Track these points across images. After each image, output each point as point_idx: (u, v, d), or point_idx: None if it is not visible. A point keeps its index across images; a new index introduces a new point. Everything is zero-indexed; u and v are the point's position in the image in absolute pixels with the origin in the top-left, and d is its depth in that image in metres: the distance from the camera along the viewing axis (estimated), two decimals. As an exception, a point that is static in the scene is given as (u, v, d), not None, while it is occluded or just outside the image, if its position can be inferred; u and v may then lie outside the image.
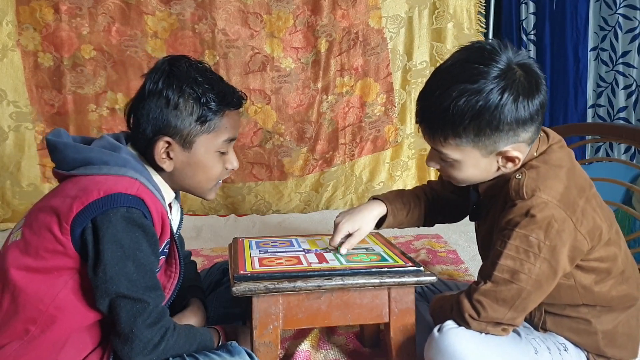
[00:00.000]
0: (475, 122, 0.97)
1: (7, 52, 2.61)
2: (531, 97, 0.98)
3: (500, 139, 0.99)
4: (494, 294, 1.00)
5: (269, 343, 1.10)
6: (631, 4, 2.73)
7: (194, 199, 2.87)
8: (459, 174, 1.07)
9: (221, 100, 1.04)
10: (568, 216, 0.98)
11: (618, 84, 2.84)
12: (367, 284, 1.11)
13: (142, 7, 2.67)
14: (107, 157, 0.97)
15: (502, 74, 0.96)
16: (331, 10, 2.82)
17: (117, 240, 0.91)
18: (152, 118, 1.01)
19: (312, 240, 1.36)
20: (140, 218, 0.94)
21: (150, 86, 1.02)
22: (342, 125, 2.95)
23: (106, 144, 1.02)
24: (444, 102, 0.97)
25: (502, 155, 1.02)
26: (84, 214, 0.90)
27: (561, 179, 1.01)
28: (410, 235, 2.39)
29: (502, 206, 1.05)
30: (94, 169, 0.96)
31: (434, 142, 1.05)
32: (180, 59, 1.05)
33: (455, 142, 1.01)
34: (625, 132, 1.82)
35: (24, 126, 2.67)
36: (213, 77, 1.05)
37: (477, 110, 0.96)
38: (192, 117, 1.02)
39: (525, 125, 0.99)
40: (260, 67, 2.83)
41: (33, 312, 0.93)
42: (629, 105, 2.84)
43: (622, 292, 1.08)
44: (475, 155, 1.02)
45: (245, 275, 1.09)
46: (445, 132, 1.00)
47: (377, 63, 2.93)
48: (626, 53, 2.79)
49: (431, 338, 1.04)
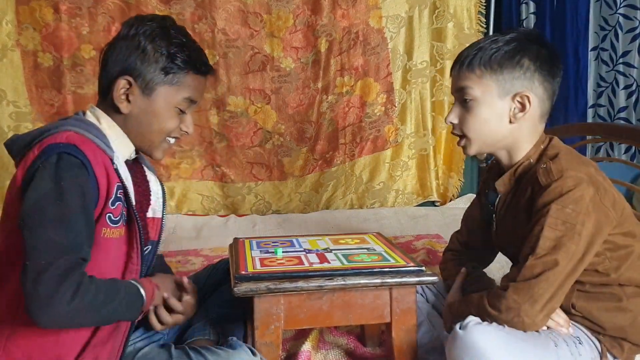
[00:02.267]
0: (503, 53, 1.12)
1: (7, 52, 2.60)
2: (553, 59, 1.15)
3: (519, 77, 1.12)
4: (540, 266, 1.04)
5: (270, 343, 1.10)
6: (631, 4, 2.72)
7: (194, 198, 2.87)
8: (475, 119, 1.15)
9: (189, 59, 1.06)
10: (595, 189, 1.06)
11: (618, 83, 2.83)
12: (369, 284, 1.11)
13: (142, 7, 2.66)
14: (48, 126, 1.00)
15: (534, 40, 1.15)
16: (331, 10, 2.81)
17: (40, 188, 0.90)
18: (120, 59, 1.04)
19: (313, 240, 1.36)
20: (72, 166, 0.92)
21: (125, 30, 1.05)
22: (342, 125, 2.95)
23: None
24: (480, 43, 1.16)
25: (516, 97, 1.13)
26: (27, 175, 0.93)
27: (579, 161, 1.11)
28: (410, 235, 2.39)
29: (529, 196, 1.12)
30: (36, 140, 0.97)
31: (460, 78, 1.16)
32: (163, 16, 1.09)
33: (479, 72, 1.13)
34: (626, 132, 1.82)
35: (24, 126, 2.66)
36: (189, 41, 1.08)
37: (506, 42, 1.13)
38: (157, 64, 1.04)
39: (543, 76, 1.13)
40: (260, 67, 2.83)
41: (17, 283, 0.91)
42: (630, 105, 2.83)
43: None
44: (492, 93, 1.13)
45: (247, 276, 1.09)
46: (473, 61, 1.14)
47: (377, 63, 2.93)
48: (626, 53, 2.79)
49: (454, 335, 1.04)
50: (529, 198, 1.12)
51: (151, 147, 1.10)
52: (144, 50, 1.03)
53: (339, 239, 1.37)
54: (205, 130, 2.83)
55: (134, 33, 1.04)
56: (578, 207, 1.04)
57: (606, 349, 1.13)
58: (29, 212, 0.89)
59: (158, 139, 1.10)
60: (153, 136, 1.08)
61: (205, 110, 2.81)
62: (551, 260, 1.03)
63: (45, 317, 0.85)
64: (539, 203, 1.08)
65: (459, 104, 1.18)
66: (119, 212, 1.01)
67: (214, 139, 2.85)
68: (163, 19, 1.07)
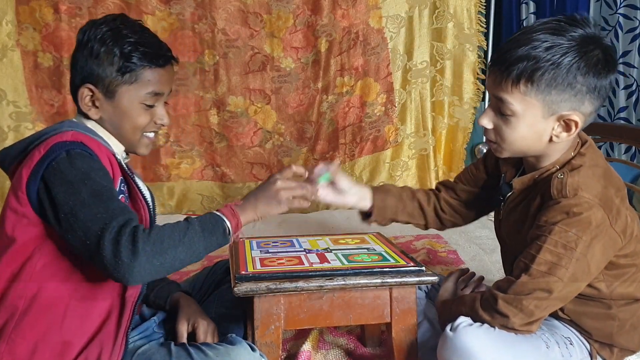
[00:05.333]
0: (551, 72, 0.99)
1: (7, 52, 2.60)
2: (607, 70, 1.01)
3: (568, 98, 1.01)
4: (531, 285, 1.01)
5: (270, 343, 1.10)
6: (631, 4, 2.73)
7: (194, 198, 2.87)
8: (512, 133, 1.05)
9: (143, 55, 1.05)
10: (606, 214, 1.01)
11: (618, 84, 2.84)
12: (369, 284, 1.11)
13: (141, 7, 2.66)
14: (45, 130, 1.02)
15: (586, 39, 1.00)
16: (331, 10, 2.81)
17: (64, 181, 0.92)
18: (80, 67, 1.05)
19: (313, 240, 1.36)
20: (82, 153, 0.96)
21: (80, 37, 1.06)
22: (342, 125, 2.95)
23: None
24: (527, 46, 1.00)
25: (562, 119, 1.03)
26: (34, 177, 0.93)
27: (600, 179, 1.05)
28: (410, 235, 2.39)
29: (540, 204, 1.07)
30: (34, 144, 0.99)
31: (501, 88, 1.03)
32: (114, 15, 1.09)
33: (525, 89, 1.01)
34: (626, 132, 1.83)
35: (24, 126, 2.66)
36: (142, 35, 1.07)
37: (558, 60, 0.98)
38: (112, 67, 1.04)
39: (593, 95, 1.01)
40: (260, 67, 2.83)
41: (18, 285, 0.95)
42: (630, 105, 2.83)
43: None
44: (536, 113, 1.03)
45: (247, 276, 1.09)
46: (519, 76, 1.00)
47: (377, 63, 2.93)
48: (627, 53, 2.79)
49: (445, 337, 1.04)
50: (539, 205, 1.08)
51: (132, 145, 1.11)
52: (98, 56, 1.04)
53: (339, 239, 1.37)
54: (205, 130, 2.83)
55: (87, 39, 1.05)
56: (581, 232, 1.00)
57: (596, 351, 1.13)
58: (64, 202, 0.91)
59: (135, 137, 1.10)
60: (129, 135, 1.09)
61: (205, 110, 2.81)
62: (544, 283, 1.01)
63: (132, 277, 0.88)
64: (544, 217, 1.03)
65: (495, 110, 1.07)
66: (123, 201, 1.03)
67: (214, 139, 2.85)
68: (114, 20, 1.07)
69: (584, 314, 1.12)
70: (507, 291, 1.03)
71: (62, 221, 0.91)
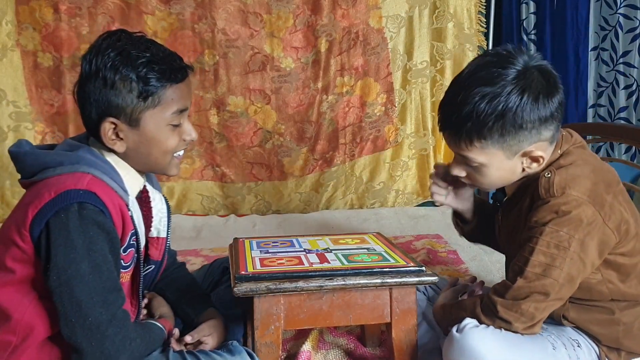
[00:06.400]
0: (498, 123, 1.00)
1: (7, 52, 2.60)
2: (550, 95, 1.03)
3: (525, 138, 1.02)
4: (527, 289, 1.01)
5: (270, 343, 1.10)
6: (632, 4, 2.73)
7: (194, 198, 2.87)
8: (485, 178, 1.10)
9: (161, 74, 0.99)
10: (597, 211, 1.01)
11: (619, 83, 2.83)
12: (369, 284, 1.11)
13: (141, 7, 2.66)
14: (62, 158, 0.97)
15: (520, 75, 1.01)
16: (331, 10, 2.81)
17: (69, 242, 0.89)
18: (94, 100, 0.99)
19: (313, 240, 1.36)
20: (95, 214, 0.92)
21: (86, 68, 0.99)
22: (342, 125, 2.95)
23: (66, 146, 1.02)
24: (467, 106, 1.01)
25: (526, 155, 1.05)
26: (39, 218, 0.90)
27: (589, 176, 1.04)
28: (410, 236, 2.39)
29: (529, 204, 1.08)
30: (49, 172, 0.95)
31: (459, 148, 1.07)
32: (115, 33, 1.01)
33: (480, 144, 1.03)
34: (626, 132, 1.82)
35: (24, 126, 2.66)
36: (152, 51, 1.00)
37: (500, 110, 1.00)
38: (132, 94, 0.98)
39: (547, 123, 1.03)
40: (260, 66, 2.82)
41: (10, 322, 0.93)
42: (630, 105, 2.83)
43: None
44: (500, 157, 1.05)
45: (247, 276, 1.09)
46: (470, 135, 1.03)
47: (377, 63, 2.92)
48: (627, 53, 2.78)
49: (451, 338, 1.04)
50: (529, 206, 1.08)
51: (162, 169, 1.08)
52: (113, 85, 0.97)
53: (339, 239, 1.37)
54: (205, 130, 2.83)
55: (96, 69, 0.97)
56: (573, 231, 1.00)
57: (604, 354, 1.13)
58: (62, 267, 0.89)
59: (165, 160, 1.06)
60: (159, 160, 1.05)
61: (205, 110, 2.81)
62: (539, 285, 1.01)
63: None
64: (534, 218, 1.04)
65: (462, 162, 1.10)
66: (131, 257, 1.03)
67: (214, 139, 2.85)
68: (117, 40, 0.99)
69: (588, 321, 1.12)
70: (505, 296, 1.03)
71: (53, 282, 0.90)
